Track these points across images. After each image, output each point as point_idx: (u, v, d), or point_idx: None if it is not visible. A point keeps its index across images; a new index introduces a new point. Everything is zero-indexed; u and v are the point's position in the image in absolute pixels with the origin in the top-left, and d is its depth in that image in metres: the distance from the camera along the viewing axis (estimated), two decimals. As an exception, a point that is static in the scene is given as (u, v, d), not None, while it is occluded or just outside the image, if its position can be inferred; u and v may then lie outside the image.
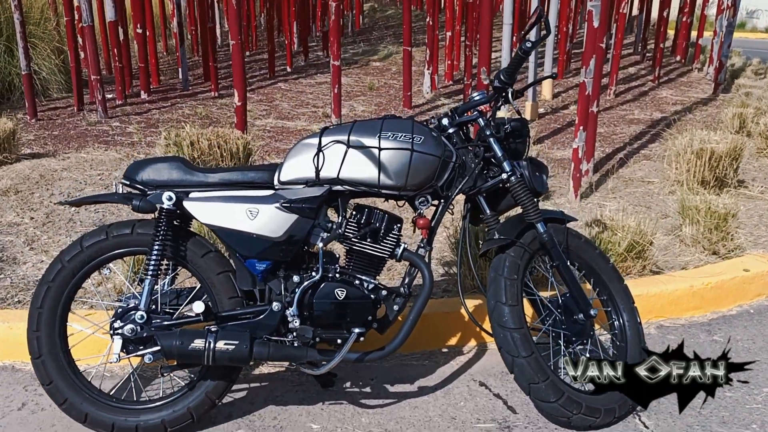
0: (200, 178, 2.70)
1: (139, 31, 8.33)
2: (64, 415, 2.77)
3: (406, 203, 2.84)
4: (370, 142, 2.66)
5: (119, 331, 2.63)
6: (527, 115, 7.42)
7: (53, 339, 2.68)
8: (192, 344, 2.54)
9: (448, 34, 9.14)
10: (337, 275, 2.71)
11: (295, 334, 2.68)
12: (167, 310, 2.74)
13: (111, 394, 2.81)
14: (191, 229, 2.78)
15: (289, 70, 10.19)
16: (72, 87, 7.77)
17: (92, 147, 6.28)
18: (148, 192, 2.69)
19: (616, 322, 2.93)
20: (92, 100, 7.94)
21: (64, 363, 2.69)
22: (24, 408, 2.92)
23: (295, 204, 2.65)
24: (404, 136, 2.67)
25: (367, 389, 3.04)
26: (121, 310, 2.70)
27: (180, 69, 9.40)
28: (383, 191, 2.70)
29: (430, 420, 2.82)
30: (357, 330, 2.65)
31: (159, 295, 2.72)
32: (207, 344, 2.54)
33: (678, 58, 11.50)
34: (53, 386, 2.67)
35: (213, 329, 2.60)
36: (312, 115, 7.74)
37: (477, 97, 2.87)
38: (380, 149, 2.65)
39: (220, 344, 2.55)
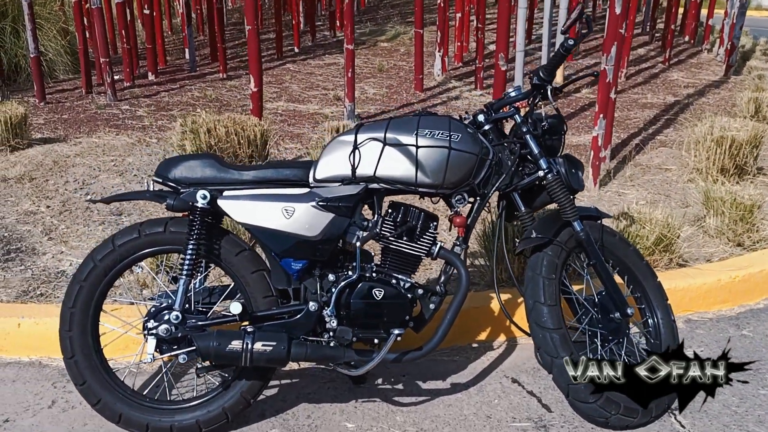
0: (234, 175, 2.66)
1: (146, 11, 8.23)
2: (96, 414, 2.75)
3: (441, 200, 2.81)
4: (407, 139, 2.62)
5: (153, 331, 2.60)
6: (539, 99, 7.35)
7: (86, 338, 2.65)
8: (229, 345, 2.51)
9: (458, 15, 9.04)
10: (374, 274, 2.68)
11: (331, 334, 2.66)
12: (200, 308, 2.72)
13: (144, 393, 2.78)
14: (223, 227, 2.74)
15: (296, 50, 10.10)
16: (78, 68, 7.69)
17: (103, 131, 6.22)
18: (181, 190, 2.64)
19: (650, 320, 2.91)
20: (99, 81, 7.86)
21: (96, 362, 2.67)
22: (54, 406, 2.90)
23: (332, 202, 2.61)
24: (441, 134, 2.63)
25: (400, 386, 3.02)
26: (154, 309, 2.67)
27: (187, 50, 9.31)
28: (420, 189, 2.66)
29: (465, 418, 2.81)
30: (396, 331, 2.63)
31: (192, 293, 2.68)
32: (244, 345, 2.51)
33: (687, 38, 11.41)
34: (86, 386, 2.65)
35: (250, 330, 2.57)
36: (323, 97, 7.67)
37: (512, 94, 2.82)
38: (417, 147, 2.61)
39: (258, 345, 2.52)
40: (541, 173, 2.75)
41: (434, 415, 2.83)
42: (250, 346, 2.51)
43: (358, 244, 2.64)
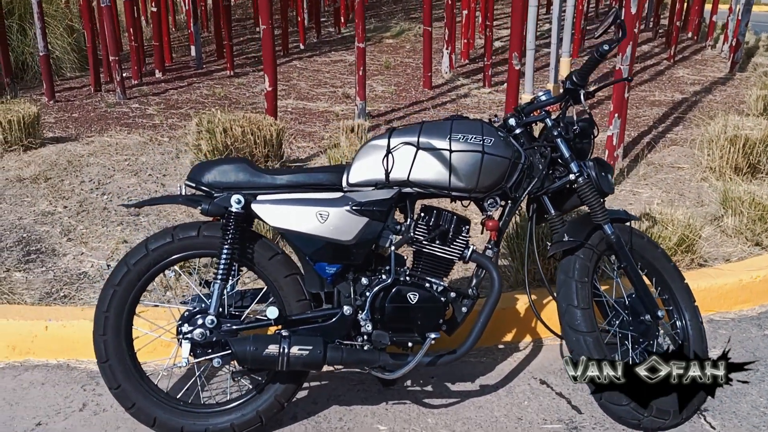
0: (267, 180, 2.67)
1: (154, 9, 8.22)
2: (128, 417, 2.76)
3: (471, 204, 2.82)
4: (440, 144, 2.63)
5: (189, 335, 2.61)
6: (549, 97, 7.36)
7: (120, 342, 2.66)
8: (266, 350, 2.52)
9: (464, 12, 9.04)
10: (408, 278, 2.69)
11: (365, 337, 2.67)
12: (233, 312, 2.72)
13: (178, 397, 2.79)
14: (255, 231, 2.75)
15: (302, 47, 10.09)
16: (86, 66, 7.68)
17: (114, 130, 6.22)
18: (215, 194, 2.65)
19: (678, 322, 2.93)
20: (107, 79, 7.86)
21: (130, 366, 2.68)
22: (85, 409, 2.91)
23: (366, 207, 2.62)
24: (474, 138, 2.64)
25: (429, 388, 3.04)
26: (187, 313, 2.68)
27: (193, 47, 9.32)
28: (453, 193, 2.68)
29: (497, 420, 2.83)
30: (433, 335, 2.64)
31: (225, 297, 2.69)
32: (281, 350, 2.53)
33: (690, 34, 11.42)
34: (121, 390, 2.66)
35: (285, 334, 2.58)
36: (332, 95, 7.67)
37: (543, 98, 2.83)
38: (451, 151, 2.62)
39: (294, 349, 2.54)
40: (572, 176, 2.76)
41: (465, 417, 2.85)
42: (286, 350, 2.53)
43: (392, 248, 2.65)
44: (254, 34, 11.13)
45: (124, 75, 7.27)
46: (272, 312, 2.56)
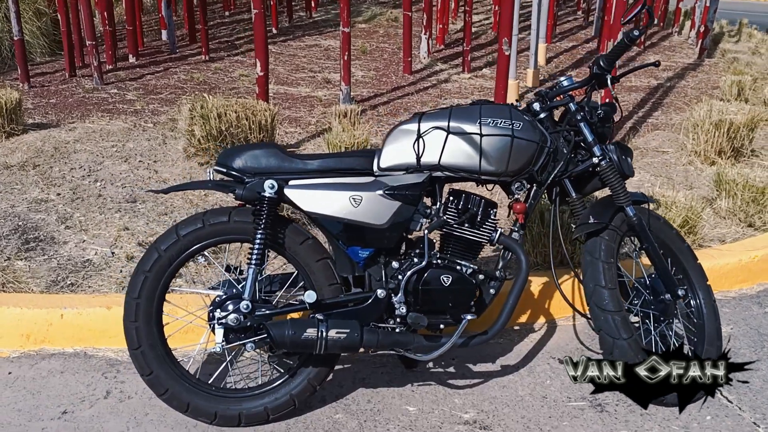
0: (299, 165, 2.67)
1: (128, -8, 8.08)
2: (156, 403, 2.77)
3: (496, 187, 2.87)
4: (470, 128, 2.66)
5: (223, 320, 2.61)
6: (528, 82, 7.45)
7: (151, 329, 2.65)
8: (304, 334, 2.54)
9: (440, -3, 9.07)
10: (440, 261, 2.73)
11: (398, 320, 2.71)
12: (263, 297, 2.73)
13: (210, 382, 2.79)
14: (285, 216, 2.75)
15: (275, 31, 10.01)
16: (56, 51, 7.53)
17: (96, 116, 6.12)
18: (247, 180, 2.64)
19: (693, 301, 3.01)
20: (80, 64, 7.72)
21: (162, 352, 2.67)
22: (110, 396, 2.89)
23: (399, 191, 2.65)
24: (504, 122, 2.68)
25: (451, 369, 3.09)
26: (219, 299, 2.68)
27: (164, 31, 9.19)
28: (483, 177, 2.72)
29: (522, 399, 2.89)
30: (469, 316, 2.69)
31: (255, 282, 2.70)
32: (319, 333, 2.54)
33: (656, 21, 11.62)
34: (154, 376, 2.65)
35: (321, 318, 2.60)
36: (312, 80, 7.64)
37: (565, 83, 2.88)
38: (481, 136, 2.66)
39: (332, 333, 2.55)
40: (595, 160, 2.83)
41: (491, 397, 2.90)
42: (324, 333, 2.55)
43: (426, 231, 2.68)
44: (223, 18, 11.01)
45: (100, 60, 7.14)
46: (310, 296, 2.58)
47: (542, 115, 2.84)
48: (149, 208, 4.36)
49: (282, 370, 2.79)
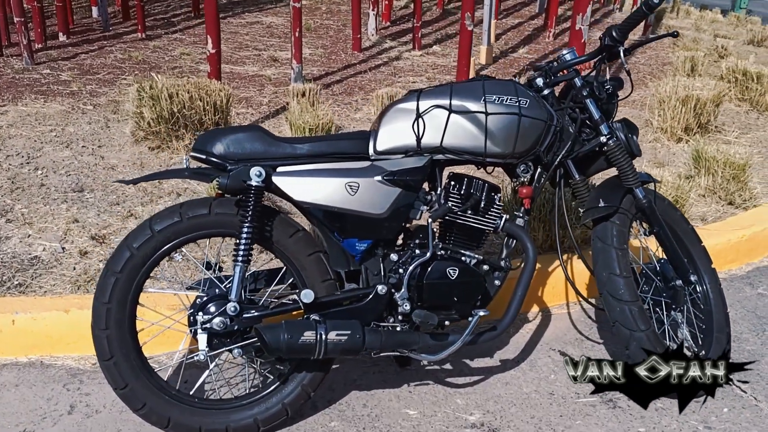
0: (287, 149, 2.41)
1: (56, -35, 7.55)
2: (130, 417, 2.49)
3: (495, 170, 2.66)
4: (475, 106, 2.44)
5: (207, 325, 2.33)
6: (482, 59, 7.26)
7: (124, 336, 2.36)
8: (302, 337, 2.28)
9: (386, -29, 8.81)
10: (444, 252, 2.50)
11: (400, 318, 2.48)
12: (249, 297, 2.47)
13: (192, 393, 2.51)
14: (272, 207, 2.49)
15: (212, 8, 9.56)
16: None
17: (29, 98, 5.67)
18: (229, 167, 2.36)
19: (699, 287, 2.87)
20: (5, 42, 7.19)
21: (137, 362, 2.38)
22: (75, 411, 2.58)
23: (398, 176, 2.41)
24: (510, 100, 2.46)
25: (448, 366, 2.88)
26: (200, 300, 2.40)
27: (95, 8, 8.69)
28: (488, 159, 2.50)
29: (528, 397, 2.70)
30: (481, 312, 2.48)
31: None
32: (318, 336, 2.29)
33: (597, -3, 11.61)
34: (129, 390, 2.36)
35: (318, 319, 2.35)
36: (257, 59, 7.30)
37: (568, 56, 2.68)
38: (487, 114, 2.43)
39: (332, 335, 2.30)
40: (603, 139, 2.64)
41: (495, 396, 2.71)
42: (324, 336, 2.29)
43: (429, 220, 2.45)
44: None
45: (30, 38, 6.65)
46: (307, 295, 2.32)
47: (546, 92, 2.63)
48: (99, 198, 4.01)
49: (272, 377, 2.53)
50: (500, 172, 2.77)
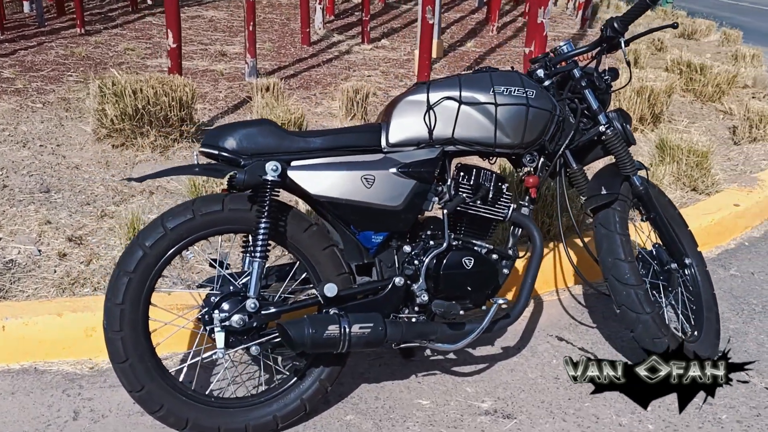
0: (300, 143, 2.39)
1: (-11, -42, 7.24)
2: (139, 420, 2.46)
3: (495, 160, 2.70)
4: (484, 97, 2.47)
5: (226, 323, 2.29)
6: (433, 53, 7.30)
7: (138, 338, 2.30)
8: (326, 332, 2.26)
9: (330, -35, 8.77)
10: (458, 243, 2.53)
11: (416, 309, 2.49)
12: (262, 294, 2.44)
13: (208, 393, 2.46)
14: (284, 202, 2.46)
15: (150, 2, 9.35)
16: None
17: (-29, 97, 5.43)
18: (243, 162, 2.32)
19: (688, 270, 2.97)
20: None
21: (152, 364, 2.32)
22: (80, 417, 2.51)
23: (413, 168, 2.42)
24: (517, 91, 2.51)
25: (451, 355, 2.90)
26: (214, 298, 2.36)
27: (26, 3, 8.39)
28: (497, 150, 2.53)
29: (535, 383, 2.76)
30: (500, 300, 2.51)
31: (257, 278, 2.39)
32: (342, 330, 2.28)
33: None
34: (145, 392, 2.30)
35: (341, 313, 2.34)
36: (205, 53, 7.17)
37: (565, 48, 2.74)
38: (497, 105, 2.47)
39: (355, 328, 2.30)
40: (601, 128, 2.71)
41: (503, 382, 2.75)
42: (347, 330, 2.29)
43: (445, 211, 2.47)
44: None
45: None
46: (331, 289, 2.31)
47: (547, 83, 2.68)
48: (67, 198, 3.88)
49: (288, 373, 2.50)
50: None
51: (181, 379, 2.42)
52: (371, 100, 5.25)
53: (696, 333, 2.83)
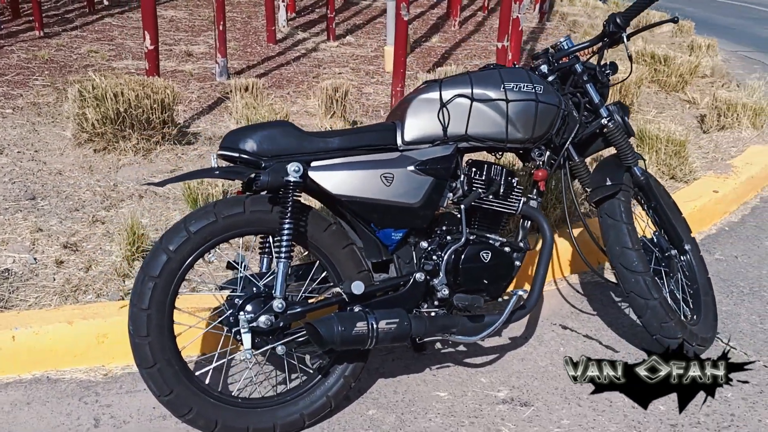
0: (320, 144, 2.41)
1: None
2: (161, 425, 2.46)
3: (502, 155, 2.77)
4: (496, 94, 2.53)
5: (253, 323, 2.31)
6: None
7: (165, 342, 2.31)
8: (355, 329, 2.30)
9: (290, -37, 8.74)
10: (475, 237, 2.58)
11: (436, 303, 2.54)
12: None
13: (233, 393, 2.48)
14: (303, 202, 2.48)
15: (106, 2, 9.21)
16: None
17: (-63, 103, 5.31)
18: (264, 164, 2.34)
19: (683, 256, 3.07)
20: None
21: (179, 367, 2.33)
22: (101, 424, 2.50)
23: (431, 165, 2.47)
24: (527, 86, 2.57)
25: (461, 347, 2.96)
26: (239, 300, 2.37)
27: (-19, 5, 8.18)
28: (508, 145, 2.60)
29: (546, 370, 2.83)
30: (520, 291, 2.57)
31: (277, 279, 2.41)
32: (369, 326, 2.31)
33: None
34: (174, 396, 2.30)
35: (367, 309, 2.38)
36: (170, 53, 7.09)
37: (565, 45, 2.81)
38: (508, 101, 2.53)
39: (382, 324, 2.34)
40: (604, 121, 2.79)
41: (516, 371, 2.82)
42: (375, 326, 2.32)
43: (463, 206, 2.53)
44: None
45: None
46: (358, 287, 2.35)
47: (551, 78, 2.75)
48: (55, 205, 3.83)
49: (312, 370, 2.53)
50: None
51: (207, 382, 2.43)
52: (348, 98, 5.27)
53: (695, 317, 2.93)
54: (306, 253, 2.73)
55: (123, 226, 3.34)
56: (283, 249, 2.32)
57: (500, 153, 2.76)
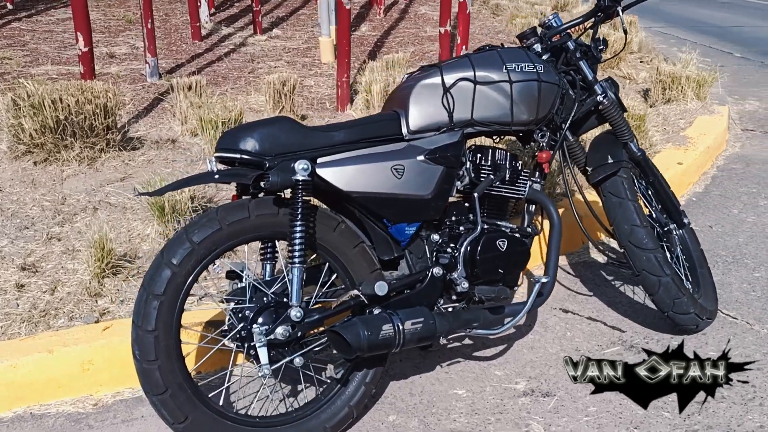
0: (324, 139, 2.25)
1: None
2: None
3: (501, 139, 2.68)
4: (498, 76, 2.43)
5: (270, 336, 2.14)
6: (333, 38, 7.19)
7: (174, 365, 2.11)
8: (381, 332, 2.16)
9: (206, -43, 8.42)
10: (487, 226, 2.48)
11: (454, 297, 2.43)
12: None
13: (250, 413, 2.30)
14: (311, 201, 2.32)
15: (10, 6, 8.67)
16: None
17: None
18: (268, 164, 2.17)
19: (676, 231, 3.04)
20: None
21: (192, 391, 2.14)
22: (103, 460, 2.29)
23: (440, 153, 2.35)
24: (528, 66, 2.49)
25: (468, 341, 2.85)
26: (250, 312, 2.20)
27: None
28: (513, 128, 2.50)
29: (558, 357, 2.76)
30: (544, 279, 2.48)
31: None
32: (396, 328, 2.18)
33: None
34: (190, 423, 2.12)
35: (390, 311, 2.24)
36: (97, 56, 6.71)
37: (554, 22, 2.73)
38: (511, 83, 2.43)
39: (408, 325, 2.20)
40: (599, 98, 2.73)
41: (528, 361, 2.74)
42: (401, 327, 2.19)
43: (476, 195, 2.41)
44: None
45: None
46: (381, 287, 2.21)
47: (545, 57, 2.67)
48: (1, 224, 3.53)
49: (328, 380, 2.37)
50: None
51: (221, 403, 2.25)
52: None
53: (697, 290, 2.91)
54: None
55: (87, 242, 3.09)
56: (297, 253, 2.15)
57: (499, 137, 2.66)
